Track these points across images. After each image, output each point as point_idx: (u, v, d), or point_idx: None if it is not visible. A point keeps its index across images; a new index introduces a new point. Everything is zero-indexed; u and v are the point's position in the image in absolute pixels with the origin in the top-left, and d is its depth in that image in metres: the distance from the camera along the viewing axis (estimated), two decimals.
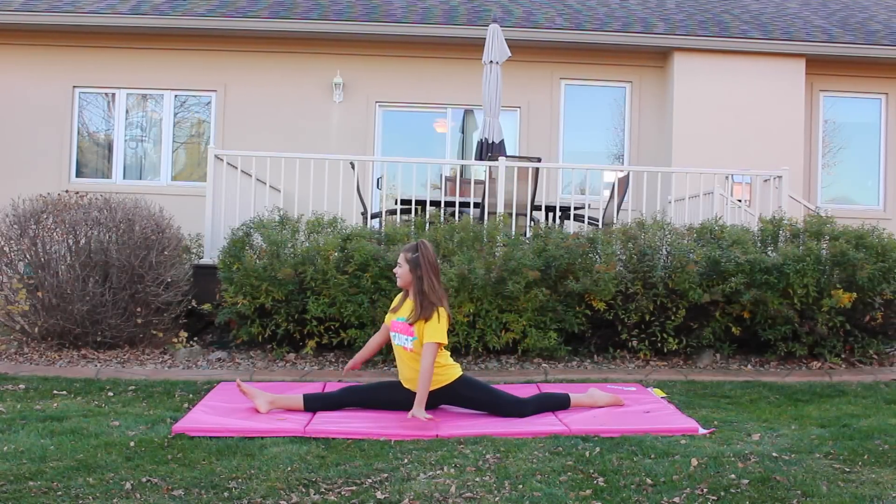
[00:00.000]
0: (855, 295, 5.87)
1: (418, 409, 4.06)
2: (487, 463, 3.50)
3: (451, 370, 4.33)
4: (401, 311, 4.37)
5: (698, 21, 10.40)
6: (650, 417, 4.33)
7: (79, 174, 10.02)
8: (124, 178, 10.08)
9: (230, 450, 3.63)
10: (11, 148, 9.85)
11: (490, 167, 7.06)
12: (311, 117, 10.00)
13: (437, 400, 4.31)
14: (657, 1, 11.25)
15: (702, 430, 4.08)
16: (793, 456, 3.60)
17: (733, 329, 6.02)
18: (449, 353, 4.46)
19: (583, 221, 7.54)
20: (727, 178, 8.12)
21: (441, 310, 4.21)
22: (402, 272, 4.32)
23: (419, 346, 4.22)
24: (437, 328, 4.17)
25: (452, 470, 3.38)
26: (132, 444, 3.69)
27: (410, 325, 4.24)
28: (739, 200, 7.90)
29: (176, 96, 10.13)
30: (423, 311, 4.20)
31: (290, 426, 4.02)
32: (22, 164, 9.82)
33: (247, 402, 4.47)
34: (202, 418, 4.13)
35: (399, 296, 4.48)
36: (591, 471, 3.37)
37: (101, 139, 10.18)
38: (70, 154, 9.97)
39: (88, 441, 3.71)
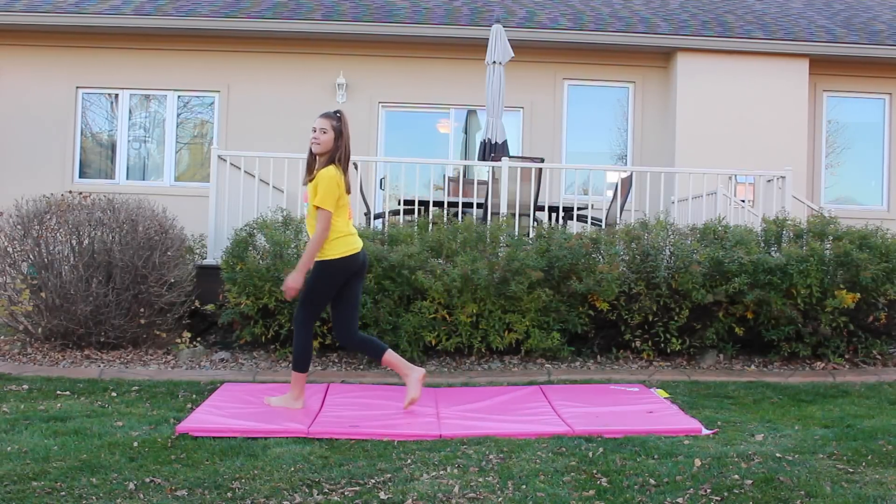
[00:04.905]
0: (858, 295, 5.86)
1: (295, 275, 4.16)
2: (491, 463, 3.50)
3: (337, 245, 4.27)
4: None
5: (701, 21, 10.39)
6: (653, 418, 4.33)
7: (82, 175, 10.04)
8: (127, 178, 10.09)
9: (234, 450, 3.64)
10: (15, 148, 9.87)
11: (493, 168, 7.06)
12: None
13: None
14: (660, 1, 11.24)
15: (705, 431, 4.08)
16: (796, 456, 3.59)
17: (737, 329, 6.01)
18: (352, 226, 4.39)
19: (586, 222, 7.53)
20: (730, 178, 8.11)
21: (332, 170, 4.21)
22: (326, 139, 4.33)
23: (311, 209, 4.25)
24: (325, 192, 4.18)
25: (456, 470, 3.38)
26: (136, 444, 3.69)
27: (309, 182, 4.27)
28: (743, 201, 7.88)
29: (179, 97, 10.14)
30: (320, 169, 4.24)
31: (294, 426, 4.02)
32: (25, 164, 9.84)
33: (250, 403, 4.48)
34: (206, 419, 4.14)
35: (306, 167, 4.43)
36: (595, 471, 3.37)
37: (105, 140, 10.20)
38: (73, 155, 9.98)
39: (92, 441, 3.71)
